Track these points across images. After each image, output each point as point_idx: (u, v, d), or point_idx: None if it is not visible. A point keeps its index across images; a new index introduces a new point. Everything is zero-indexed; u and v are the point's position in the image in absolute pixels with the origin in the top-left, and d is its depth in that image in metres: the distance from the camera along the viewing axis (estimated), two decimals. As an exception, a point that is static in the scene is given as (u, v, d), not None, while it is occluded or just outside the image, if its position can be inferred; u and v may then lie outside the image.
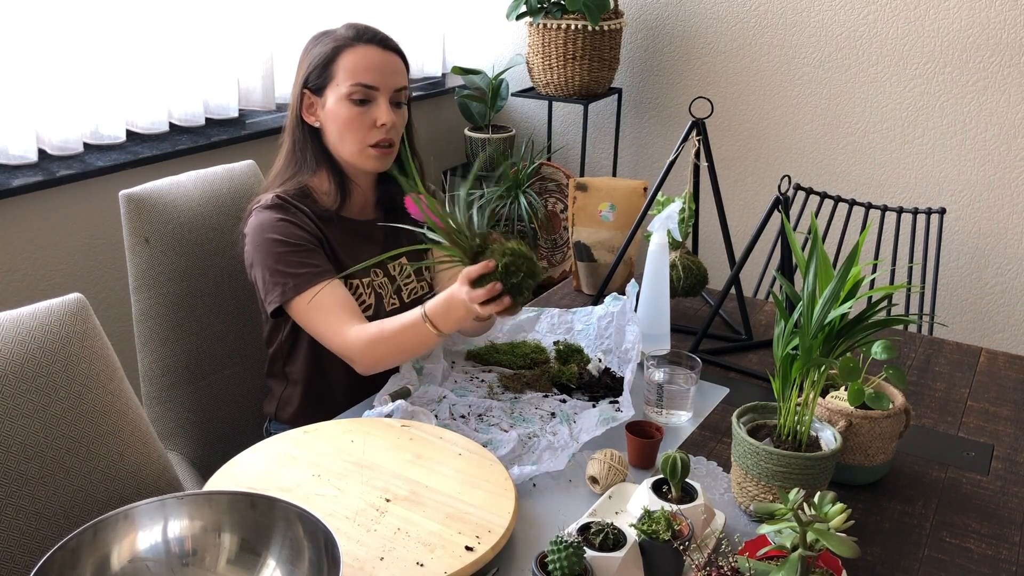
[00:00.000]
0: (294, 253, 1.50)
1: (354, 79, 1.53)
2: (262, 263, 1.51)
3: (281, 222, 1.52)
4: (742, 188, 3.26)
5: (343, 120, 1.55)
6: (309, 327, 1.51)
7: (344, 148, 1.57)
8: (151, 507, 1.03)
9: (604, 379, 1.57)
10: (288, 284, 1.48)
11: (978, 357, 1.77)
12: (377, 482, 1.22)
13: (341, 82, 1.54)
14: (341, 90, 1.54)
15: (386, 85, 1.55)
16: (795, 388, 1.20)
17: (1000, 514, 1.27)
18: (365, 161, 1.58)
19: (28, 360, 1.14)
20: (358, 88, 1.53)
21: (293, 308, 1.50)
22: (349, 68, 1.54)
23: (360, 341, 1.46)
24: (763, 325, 1.89)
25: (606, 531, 1.06)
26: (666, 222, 1.71)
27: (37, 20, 2.19)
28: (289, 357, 1.64)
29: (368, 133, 1.55)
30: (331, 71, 1.55)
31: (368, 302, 1.60)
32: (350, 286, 1.58)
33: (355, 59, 1.54)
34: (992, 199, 2.87)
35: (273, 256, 1.50)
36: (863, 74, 2.96)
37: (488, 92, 3.33)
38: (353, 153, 1.57)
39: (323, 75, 1.56)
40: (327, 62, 1.55)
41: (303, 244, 1.52)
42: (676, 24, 3.22)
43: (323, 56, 1.56)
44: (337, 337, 1.48)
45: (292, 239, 1.51)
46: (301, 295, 1.48)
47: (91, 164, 2.28)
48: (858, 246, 1.19)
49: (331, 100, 1.55)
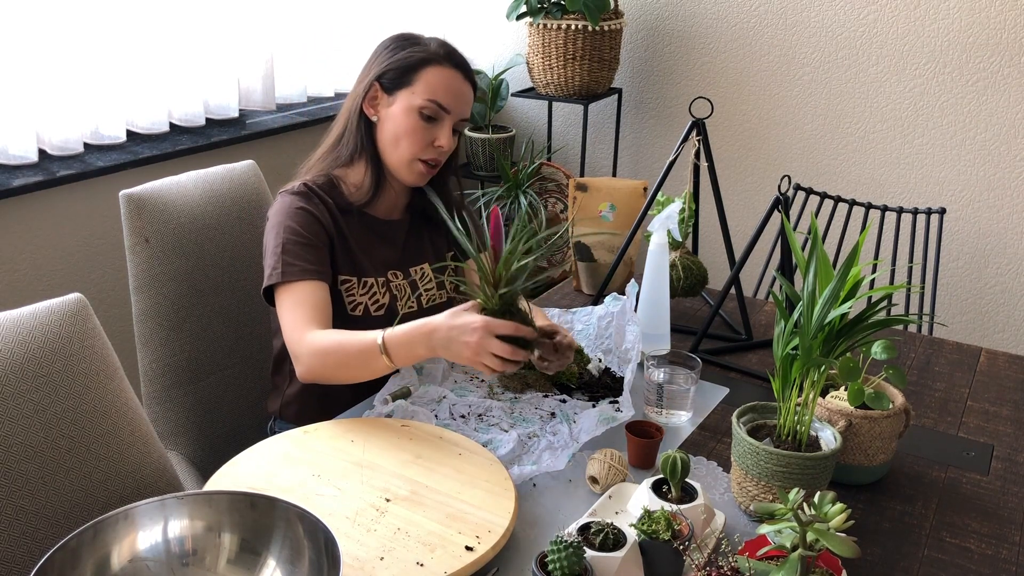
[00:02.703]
0: (298, 244, 1.51)
1: (433, 95, 1.55)
2: (269, 244, 1.54)
3: (300, 210, 1.54)
4: (742, 188, 3.26)
5: (406, 129, 1.56)
6: (280, 318, 1.51)
7: (394, 154, 1.58)
8: (151, 507, 1.03)
9: (604, 379, 1.57)
10: (276, 269, 1.49)
11: (978, 357, 1.77)
12: (377, 482, 1.22)
13: (418, 92, 1.55)
14: (415, 100, 1.55)
15: (457, 112, 1.58)
16: (795, 388, 1.20)
17: (1000, 514, 1.27)
18: (408, 173, 1.59)
19: (28, 360, 1.14)
20: (432, 105, 1.55)
21: (277, 295, 1.51)
22: (432, 83, 1.55)
23: (311, 346, 1.43)
24: (763, 325, 1.89)
25: (606, 531, 1.06)
26: (666, 222, 1.71)
27: (37, 20, 2.19)
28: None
29: (424, 149, 1.57)
30: (412, 77, 1.56)
31: (382, 302, 1.60)
32: (364, 284, 1.59)
33: (439, 77, 1.56)
34: (992, 199, 2.87)
35: (279, 239, 1.51)
36: (863, 74, 2.96)
37: (488, 92, 3.33)
38: (401, 161, 1.58)
39: (402, 77, 1.56)
40: (412, 67, 1.56)
41: (310, 238, 1.52)
42: (676, 24, 3.22)
43: (409, 61, 1.56)
44: (295, 333, 1.46)
45: (303, 229, 1.52)
46: (286, 284, 1.49)
47: (91, 164, 2.28)
48: (858, 246, 1.19)
49: (400, 104, 1.56)
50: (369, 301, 1.59)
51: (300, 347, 1.45)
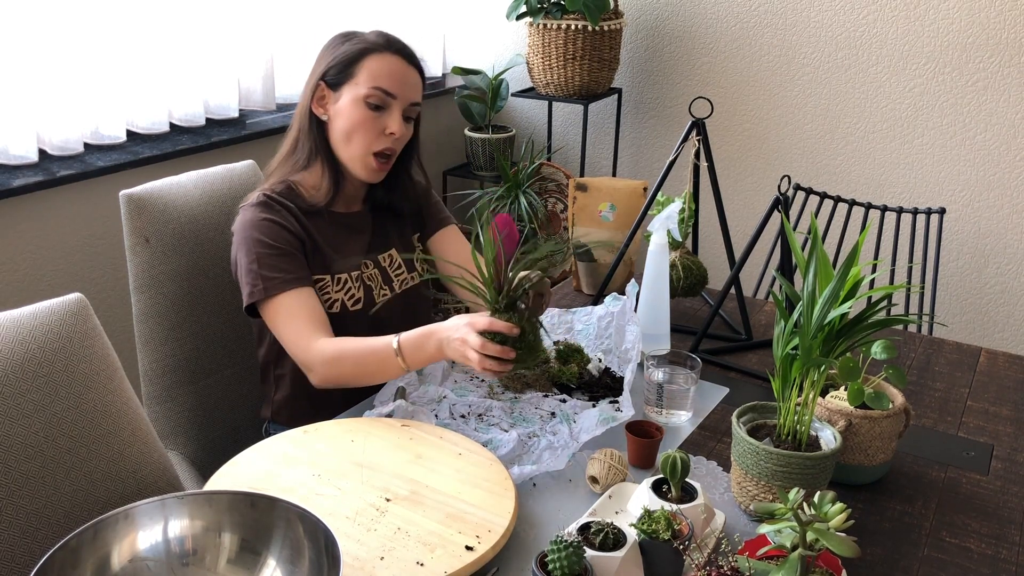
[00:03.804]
0: (272, 255, 1.50)
1: (375, 83, 1.54)
2: (241, 261, 1.52)
3: (264, 221, 1.52)
4: (742, 188, 3.26)
5: (355, 121, 1.55)
6: (276, 332, 1.51)
7: (347, 149, 1.58)
8: (151, 507, 1.03)
9: (604, 379, 1.57)
10: (258, 286, 1.49)
11: (978, 357, 1.77)
12: (377, 482, 1.22)
13: (361, 83, 1.54)
14: (359, 91, 1.54)
15: (404, 96, 1.57)
16: (795, 388, 1.20)
17: (1000, 514, 1.27)
18: (362, 169, 1.59)
19: (28, 360, 1.14)
20: (377, 92, 1.54)
21: (263, 310, 1.51)
22: (373, 72, 1.54)
23: (323, 355, 1.45)
24: (763, 325, 1.89)
25: (606, 531, 1.06)
26: (666, 222, 1.71)
27: (37, 20, 2.19)
28: (278, 361, 1.64)
29: (376, 139, 1.56)
30: (353, 70, 1.55)
31: (357, 295, 1.60)
32: (337, 280, 1.58)
33: (380, 64, 1.55)
34: (992, 199, 2.87)
35: (251, 255, 1.50)
36: (863, 74, 2.96)
37: (488, 92, 3.33)
38: (354, 157, 1.58)
39: (344, 72, 1.56)
40: (352, 60, 1.56)
41: (283, 247, 1.52)
42: (676, 24, 3.22)
43: (349, 54, 1.56)
44: (300, 343, 1.47)
45: (273, 239, 1.51)
46: (272, 299, 1.49)
47: (91, 164, 2.28)
48: (858, 246, 1.19)
49: (346, 98, 1.56)
50: (345, 297, 1.59)
51: (309, 358, 1.46)
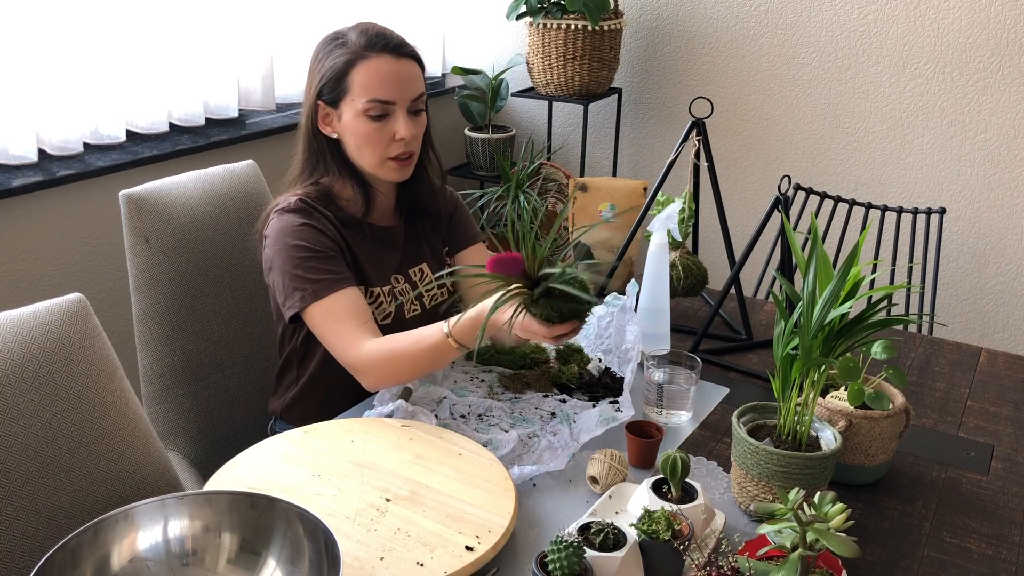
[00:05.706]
0: (314, 259, 1.47)
1: (370, 95, 1.48)
2: (281, 268, 1.48)
3: (303, 227, 1.49)
4: (742, 188, 3.26)
5: (361, 136, 1.51)
6: (321, 335, 1.47)
7: (364, 161, 1.54)
8: (151, 507, 1.03)
9: (604, 379, 1.57)
10: (307, 290, 1.45)
11: (978, 357, 1.77)
12: (377, 482, 1.22)
13: (356, 97, 1.48)
14: (357, 105, 1.49)
15: (403, 97, 1.50)
16: (795, 388, 1.20)
17: (1000, 514, 1.27)
18: (386, 173, 1.55)
19: (28, 360, 1.14)
20: (374, 104, 1.48)
21: (308, 315, 1.47)
22: (364, 83, 1.48)
23: (375, 356, 1.41)
24: (763, 325, 1.89)
25: (606, 531, 1.06)
26: (666, 222, 1.71)
27: (37, 20, 2.19)
28: (303, 361, 1.63)
29: (387, 147, 1.52)
30: (345, 85, 1.49)
31: (388, 310, 1.58)
32: (370, 295, 1.56)
33: (369, 72, 1.48)
34: (992, 199, 2.87)
35: (293, 261, 1.46)
36: (863, 74, 2.96)
37: (488, 92, 3.33)
38: (373, 166, 1.54)
39: (337, 88, 1.50)
40: (340, 75, 1.49)
41: (324, 251, 1.48)
42: (676, 24, 3.22)
43: (336, 69, 1.49)
44: (350, 349, 1.43)
45: (313, 244, 1.48)
46: (318, 301, 1.45)
47: (91, 164, 2.28)
48: (858, 246, 1.19)
49: (347, 114, 1.51)
50: (377, 311, 1.57)
51: (360, 360, 1.43)
